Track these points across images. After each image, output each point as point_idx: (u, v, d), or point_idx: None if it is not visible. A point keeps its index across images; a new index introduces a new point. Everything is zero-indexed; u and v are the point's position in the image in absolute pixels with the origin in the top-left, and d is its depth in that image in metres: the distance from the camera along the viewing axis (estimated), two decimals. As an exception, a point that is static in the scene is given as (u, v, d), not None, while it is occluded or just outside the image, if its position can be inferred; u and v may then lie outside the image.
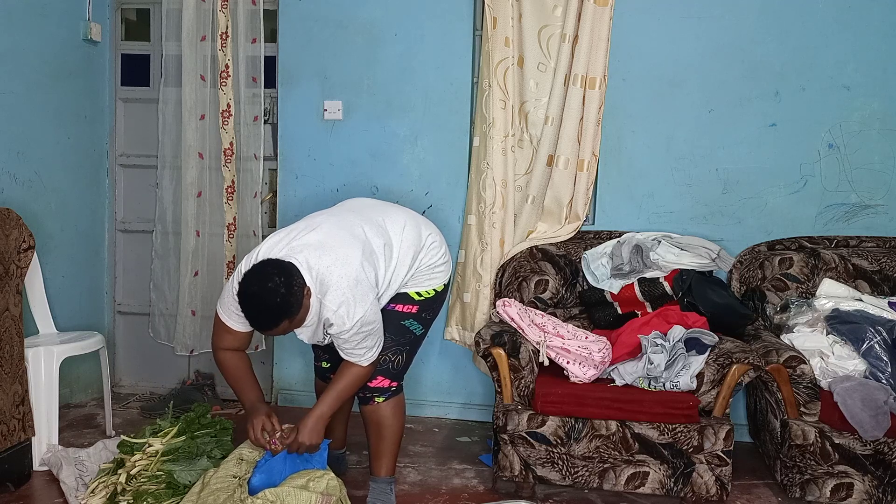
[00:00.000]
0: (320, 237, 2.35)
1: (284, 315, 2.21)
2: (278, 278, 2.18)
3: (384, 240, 2.45)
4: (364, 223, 2.45)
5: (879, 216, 3.30)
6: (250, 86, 3.66)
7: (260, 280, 2.19)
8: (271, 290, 2.17)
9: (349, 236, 2.37)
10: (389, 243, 2.46)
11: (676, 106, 3.39)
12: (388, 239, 2.46)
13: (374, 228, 2.45)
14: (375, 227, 2.46)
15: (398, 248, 2.47)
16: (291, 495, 2.18)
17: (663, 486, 2.64)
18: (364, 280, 2.31)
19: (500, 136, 3.34)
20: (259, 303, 2.19)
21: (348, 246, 2.34)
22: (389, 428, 2.54)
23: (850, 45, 3.26)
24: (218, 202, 3.71)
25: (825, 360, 2.73)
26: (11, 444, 2.68)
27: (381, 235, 2.45)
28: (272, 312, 2.20)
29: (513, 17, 3.33)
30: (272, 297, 2.17)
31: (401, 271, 2.48)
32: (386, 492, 2.58)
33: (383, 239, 2.44)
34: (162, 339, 3.81)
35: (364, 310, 2.28)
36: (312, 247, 2.31)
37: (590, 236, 3.41)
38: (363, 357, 2.37)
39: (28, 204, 3.27)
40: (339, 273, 2.27)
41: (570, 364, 2.78)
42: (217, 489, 2.27)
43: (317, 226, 2.40)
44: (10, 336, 2.69)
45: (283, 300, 2.18)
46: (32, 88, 3.32)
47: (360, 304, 2.27)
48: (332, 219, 2.46)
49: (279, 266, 2.23)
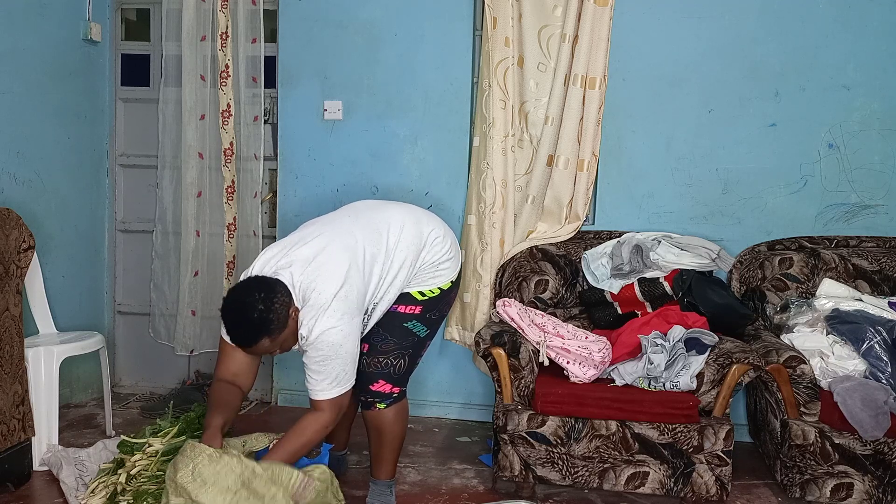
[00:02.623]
0: (310, 252, 2.31)
1: (262, 332, 2.19)
2: (258, 293, 2.18)
3: (380, 247, 2.39)
4: (359, 230, 2.40)
5: (879, 216, 3.30)
6: (250, 86, 3.67)
7: (240, 294, 2.21)
8: (249, 304, 2.17)
9: (340, 250, 2.32)
10: (386, 249, 2.40)
11: (676, 106, 3.39)
12: (384, 244, 2.40)
13: (371, 235, 2.40)
14: (372, 234, 2.40)
15: (396, 252, 2.41)
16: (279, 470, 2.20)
17: (663, 486, 2.64)
18: (345, 297, 2.25)
19: (500, 136, 3.34)
20: (236, 317, 2.21)
21: (336, 262, 2.29)
22: (391, 433, 2.50)
23: (850, 45, 3.26)
24: (218, 202, 3.72)
25: (825, 360, 2.73)
26: (11, 444, 2.68)
27: (376, 243, 2.39)
28: (250, 327, 2.19)
29: (513, 17, 3.33)
30: (249, 312, 2.17)
31: (401, 275, 2.43)
32: (385, 493, 2.58)
33: (378, 246, 2.39)
34: (162, 339, 3.82)
35: (335, 322, 2.22)
36: (300, 262, 2.29)
37: (590, 236, 3.41)
38: (319, 386, 2.27)
39: (28, 204, 3.27)
40: (321, 288, 2.24)
41: (570, 364, 2.78)
42: None
43: (310, 239, 2.36)
44: (10, 336, 2.69)
45: (261, 316, 2.17)
46: (32, 88, 3.32)
47: (331, 316, 2.22)
48: (326, 228, 2.40)
49: (262, 282, 2.23)
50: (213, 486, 2.13)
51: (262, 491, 2.16)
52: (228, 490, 2.14)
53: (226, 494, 2.13)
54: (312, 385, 2.29)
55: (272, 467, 2.20)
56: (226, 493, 2.13)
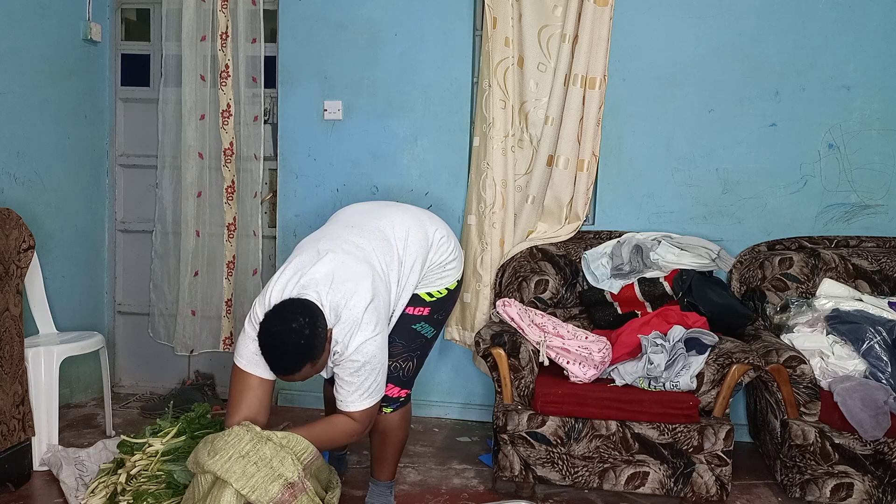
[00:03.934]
0: (329, 269, 2.24)
1: (307, 358, 2.11)
2: (302, 318, 2.09)
3: (392, 255, 2.37)
4: (367, 242, 2.36)
5: (879, 216, 3.30)
6: (250, 86, 3.67)
7: (282, 320, 2.09)
8: (295, 330, 2.07)
9: (357, 262, 2.28)
10: (398, 257, 2.39)
11: (676, 106, 3.39)
12: (395, 252, 2.39)
13: (381, 245, 2.37)
14: (382, 244, 2.38)
15: (406, 258, 2.41)
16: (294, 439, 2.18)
17: (663, 486, 2.64)
18: (375, 309, 2.23)
19: (500, 136, 3.34)
20: (281, 344, 2.08)
21: (359, 277, 2.24)
22: (394, 437, 2.49)
23: (850, 45, 3.26)
24: (218, 202, 3.72)
25: (825, 360, 2.73)
26: (11, 444, 2.68)
27: (387, 251, 2.37)
28: (296, 355, 2.10)
29: (513, 17, 3.33)
30: (296, 339, 2.07)
31: (412, 279, 2.43)
32: (385, 493, 2.58)
33: (390, 255, 2.37)
34: (162, 339, 3.82)
35: (369, 334, 2.20)
36: (322, 281, 2.21)
37: (590, 236, 3.41)
38: (351, 398, 2.24)
39: (28, 204, 3.27)
40: (352, 304, 2.19)
41: (570, 364, 2.78)
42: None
43: (323, 255, 2.28)
44: (10, 336, 2.69)
45: (308, 342, 2.09)
46: (32, 88, 3.32)
47: (365, 330, 2.19)
48: (336, 243, 2.34)
49: (303, 306, 2.12)
50: (224, 454, 2.09)
51: (269, 455, 2.12)
52: (241, 457, 2.09)
53: (237, 461, 2.08)
54: (344, 397, 2.24)
55: (288, 435, 2.17)
56: (238, 460, 2.09)
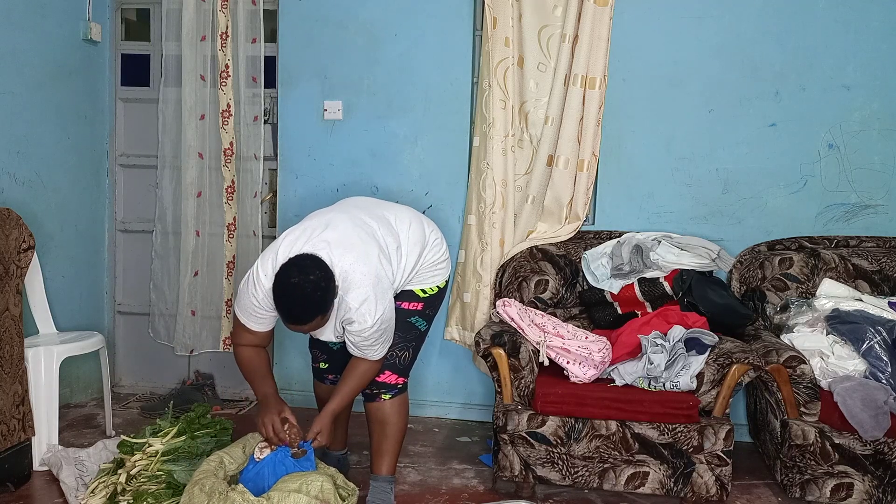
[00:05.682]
0: (338, 235, 2.35)
1: (320, 310, 2.22)
2: (319, 272, 2.19)
3: (394, 238, 2.48)
4: (374, 220, 2.47)
5: (879, 216, 3.30)
6: (250, 86, 3.66)
7: (301, 272, 2.18)
8: (313, 282, 2.17)
9: (365, 234, 2.40)
10: (399, 241, 2.49)
11: (676, 106, 3.39)
12: (397, 237, 2.49)
13: (385, 226, 2.48)
14: (386, 225, 2.49)
15: (406, 246, 2.51)
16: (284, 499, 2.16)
17: (663, 486, 2.64)
18: (384, 277, 2.35)
19: (500, 136, 3.34)
20: (299, 295, 2.17)
21: (366, 244, 2.36)
22: (393, 426, 2.55)
23: (850, 45, 3.26)
24: (218, 202, 3.71)
25: (825, 360, 2.73)
26: (11, 444, 2.68)
27: (392, 234, 2.48)
28: (311, 306, 2.19)
29: (513, 17, 3.33)
30: (313, 290, 2.17)
31: (408, 268, 2.51)
32: (386, 491, 2.58)
33: (393, 237, 2.48)
34: (162, 339, 3.81)
35: (384, 307, 2.32)
36: (333, 244, 2.31)
37: (590, 236, 3.41)
38: (375, 353, 2.39)
39: (28, 204, 3.27)
40: (362, 271, 2.29)
41: (570, 364, 2.78)
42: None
43: (331, 223, 2.40)
44: (10, 336, 2.69)
45: (323, 294, 2.19)
46: (32, 88, 3.32)
47: (380, 301, 2.30)
48: (344, 216, 2.46)
49: (317, 261, 2.23)
50: None
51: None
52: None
53: None
54: (367, 354, 2.38)
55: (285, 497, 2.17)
56: None
